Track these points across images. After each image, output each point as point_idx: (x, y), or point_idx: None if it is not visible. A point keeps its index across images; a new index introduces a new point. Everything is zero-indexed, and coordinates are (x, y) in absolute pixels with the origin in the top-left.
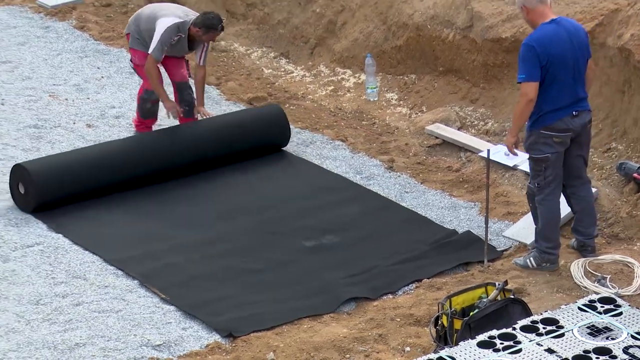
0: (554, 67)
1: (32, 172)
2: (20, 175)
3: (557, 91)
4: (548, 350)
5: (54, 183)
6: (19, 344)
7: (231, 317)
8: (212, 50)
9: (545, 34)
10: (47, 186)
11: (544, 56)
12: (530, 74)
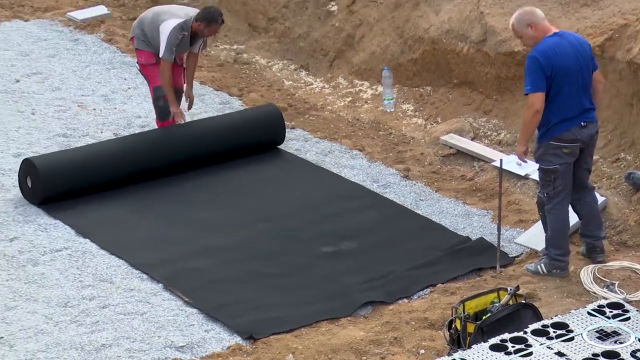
0: (559, 78)
1: (38, 165)
2: (28, 169)
3: (564, 102)
4: (558, 353)
5: (59, 175)
6: (48, 344)
7: (251, 320)
8: (234, 62)
9: (549, 46)
10: (53, 178)
11: (548, 67)
12: (535, 85)
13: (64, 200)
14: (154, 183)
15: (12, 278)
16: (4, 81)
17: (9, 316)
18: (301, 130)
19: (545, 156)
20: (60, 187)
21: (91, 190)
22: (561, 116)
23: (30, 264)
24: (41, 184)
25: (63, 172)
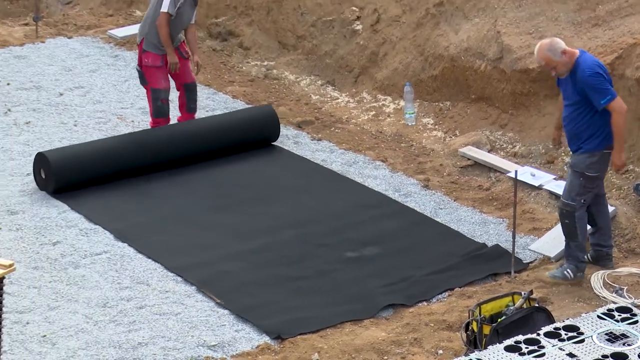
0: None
1: (49, 157)
2: (41, 162)
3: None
4: (569, 354)
5: (68, 166)
6: (88, 342)
7: (279, 321)
8: (265, 78)
9: (594, 61)
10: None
11: (607, 77)
12: (612, 93)
13: (103, 207)
14: (182, 190)
15: (55, 280)
16: (48, 94)
17: (51, 315)
18: (327, 142)
19: (596, 164)
20: (70, 177)
21: (102, 180)
22: (609, 126)
23: (72, 267)
24: (53, 174)
25: (72, 162)
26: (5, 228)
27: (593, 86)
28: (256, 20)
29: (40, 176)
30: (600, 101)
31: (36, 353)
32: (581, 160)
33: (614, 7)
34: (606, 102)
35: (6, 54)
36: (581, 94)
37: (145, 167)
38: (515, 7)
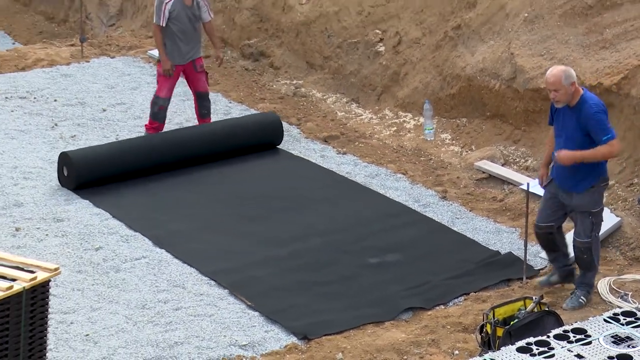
0: None
1: (71, 156)
2: (64, 161)
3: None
4: (577, 355)
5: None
6: (127, 341)
7: (306, 322)
8: (293, 95)
9: (598, 99)
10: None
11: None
12: (613, 132)
13: (143, 215)
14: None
15: (97, 283)
16: (92, 110)
17: (93, 316)
18: (351, 156)
19: (597, 199)
20: (90, 174)
21: (119, 178)
22: (604, 162)
23: (113, 271)
24: (75, 170)
25: (92, 161)
26: (52, 234)
27: (598, 122)
28: (286, 42)
29: (63, 174)
30: (603, 137)
31: (79, 351)
32: (585, 199)
33: (621, 31)
34: (608, 139)
35: (54, 72)
36: (584, 130)
37: (162, 164)
38: (527, 30)
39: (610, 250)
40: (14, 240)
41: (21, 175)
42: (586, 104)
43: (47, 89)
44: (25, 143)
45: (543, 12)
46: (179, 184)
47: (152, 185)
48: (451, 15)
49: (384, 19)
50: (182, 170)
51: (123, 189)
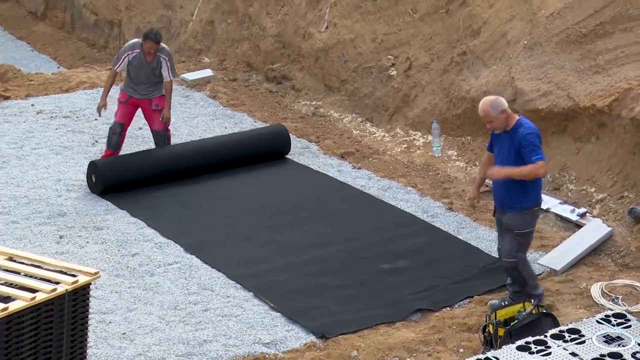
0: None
1: (98, 163)
2: (92, 169)
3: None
4: (572, 353)
5: (112, 171)
6: (161, 339)
7: (324, 322)
8: (313, 115)
9: (534, 125)
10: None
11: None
12: (543, 155)
13: (175, 224)
14: (243, 210)
15: (133, 286)
16: (130, 129)
17: (130, 316)
18: (366, 170)
19: (528, 221)
20: (115, 179)
21: (141, 183)
22: (540, 186)
23: (148, 275)
24: (101, 177)
25: (116, 169)
26: (92, 242)
27: (530, 143)
28: (306, 66)
29: (91, 180)
30: (532, 157)
31: (117, 348)
32: (516, 219)
33: (612, 57)
34: (536, 159)
35: (94, 93)
36: (517, 152)
37: (179, 171)
38: (527, 56)
39: (602, 258)
40: (57, 246)
41: (64, 187)
42: (521, 128)
43: (89, 109)
44: (68, 158)
45: (541, 40)
46: (208, 195)
47: (183, 196)
48: (457, 43)
49: (396, 46)
50: (210, 182)
51: (157, 200)
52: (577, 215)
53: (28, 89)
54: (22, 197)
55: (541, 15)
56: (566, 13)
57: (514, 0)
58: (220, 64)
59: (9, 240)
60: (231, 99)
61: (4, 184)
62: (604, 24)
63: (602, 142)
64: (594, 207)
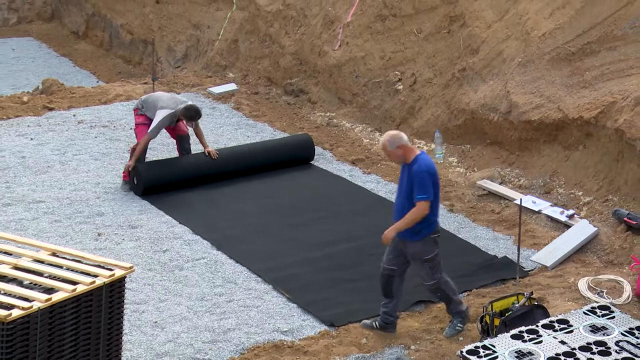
0: (435, 187)
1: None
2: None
3: (436, 205)
4: (561, 341)
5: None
6: (189, 327)
7: (335, 312)
8: (327, 125)
9: (430, 162)
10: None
11: (433, 179)
12: (429, 194)
13: (203, 222)
14: (265, 210)
15: (164, 279)
16: (161, 137)
17: (161, 306)
18: (375, 175)
19: (427, 248)
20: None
21: (179, 185)
22: (435, 215)
23: (177, 269)
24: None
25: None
26: (127, 239)
27: (419, 180)
28: (321, 81)
29: (133, 182)
30: (417, 195)
31: (149, 335)
32: (417, 249)
33: (598, 73)
34: (419, 198)
35: (130, 105)
36: (411, 185)
37: (212, 175)
38: (521, 72)
39: (588, 255)
40: (96, 243)
41: (103, 190)
42: (417, 163)
43: (125, 119)
44: (106, 164)
45: (534, 58)
46: (233, 195)
47: (210, 197)
48: (458, 60)
49: (402, 63)
50: (235, 183)
51: (186, 201)
52: (566, 217)
53: (70, 101)
54: (65, 199)
55: (534, 36)
56: (557, 33)
57: (509, 22)
58: (244, 78)
59: (52, 237)
60: (253, 110)
61: (49, 187)
62: (591, 43)
63: (589, 150)
64: (581, 209)
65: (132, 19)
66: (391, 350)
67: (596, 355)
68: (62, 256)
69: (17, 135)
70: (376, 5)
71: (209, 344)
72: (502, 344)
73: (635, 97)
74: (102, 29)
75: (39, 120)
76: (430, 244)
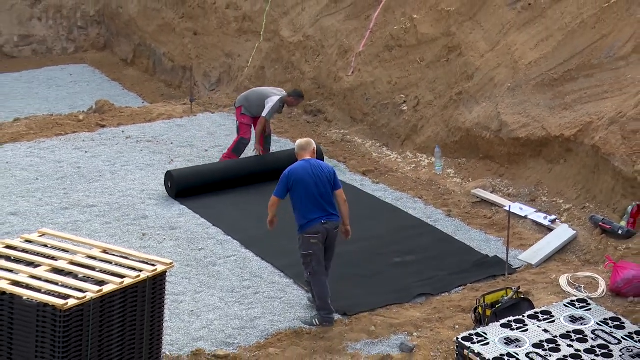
0: (299, 189)
1: (173, 172)
2: (168, 177)
3: (309, 207)
4: (544, 330)
5: (184, 179)
6: (220, 316)
7: (347, 303)
8: (341, 141)
9: (295, 167)
10: (180, 180)
11: (290, 181)
12: (278, 191)
13: (234, 224)
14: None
15: (200, 274)
16: (198, 150)
17: (197, 297)
18: (383, 185)
19: (303, 245)
20: (185, 185)
21: (209, 188)
22: (308, 217)
23: (211, 265)
24: (175, 183)
25: (188, 177)
26: (168, 239)
27: (279, 180)
28: (336, 102)
29: (167, 186)
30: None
31: (186, 322)
32: (298, 242)
33: (577, 97)
34: (274, 194)
35: (171, 123)
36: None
37: (237, 179)
38: (510, 96)
39: (568, 255)
40: (141, 242)
41: (147, 196)
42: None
43: (166, 135)
44: (150, 173)
45: (521, 83)
46: (258, 200)
47: (239, 202)
48: (455, 85)
49: (407, 87)
50: (258, 189)
51: (218, 205)
52: (549, 221)
53: (119, 119)
54: (114, 203)
55: (521, 64)
56: (541, 62)
57: (500, 52)
58: None
59: (103, 237)
60: (277, 127)
61: (101, 193)
62: (571, 71)
63: (569, 164)
64: (562, 215)
65: (173, 48)
66: (396, 337)
67: (575, 342)
68: (112, 253)
69: (74, 149)
70: (384, 37)
71: (238, 330)
72: (493, 332)
73: (609, 117)
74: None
75: (92, 135)
76: (303, 242)
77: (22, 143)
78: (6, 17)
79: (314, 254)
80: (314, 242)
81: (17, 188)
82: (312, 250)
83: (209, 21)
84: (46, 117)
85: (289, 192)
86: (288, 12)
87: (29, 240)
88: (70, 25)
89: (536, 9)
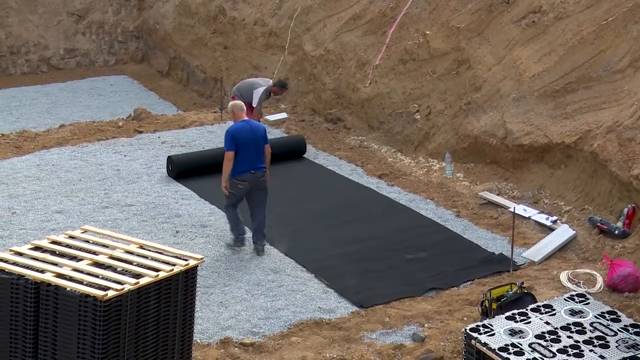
0: (240, 144)
1: (173, 157)
2: (169, 161)
3: (243, 158)
4: (546, 322)
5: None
6: (247, 307)
7: (364, 296)
8: (359, 147)
9: (237, 127)
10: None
11: (235, 138)
12: (229, 146)
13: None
14: (310, 215)
15: (228, 268)
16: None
17: (225, 290)
18: (397, 187)
19: (230, 186)
20: (183, 167)
21: (204, 170)
22: (241, 166)
23: (238, 260)
24: (174, 165)
25: (185, 160)
26: (199, 236)
27: (225, 138)
28: (355, 111)
29: (169, 168)
30: (225, 147)
31: (216, 312)
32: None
33: (577, 107)
34: (226, 149)
35: (202, 129)
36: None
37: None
38: (515, 106)
39: (568, 253)
40: (174, 239)
41: (180, 196)
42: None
43: (198, 140)
44: None
45: (525, 94)
46: (283, 204)
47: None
48: (464, 95)
49: (420, 97)
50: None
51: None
52: (550, 222)
53: (156, 125)
54: (150, 203)
55: (525, 77)
56: (544, 75)
57: (506, 65)
58: (293, 109)
59: (140, 233)
60: (300, 134)
61: (138, 194)
62: (572, 83)
63: (569, 169)
64: (563, 216)
65: (205, 61)
66: (409, 327)
67: (574, 333)
68: (148, 249)
69: (114, 153)
70: (399, 51)
71: (263, 320)
72: (498, 324)
73: (607, 126)
74: (181, 69)
75: (130, 140)
76: (231, 184)
77: (66, 147)
78: (53, 32)
79: (235, 194)
80: (240, 187)
81: (62, 188)
82: (234, 192)
83: (238, 36)
84: (89, 124)
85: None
86: (311, 28)
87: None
88: (111, 39)
89: (539, 26)
